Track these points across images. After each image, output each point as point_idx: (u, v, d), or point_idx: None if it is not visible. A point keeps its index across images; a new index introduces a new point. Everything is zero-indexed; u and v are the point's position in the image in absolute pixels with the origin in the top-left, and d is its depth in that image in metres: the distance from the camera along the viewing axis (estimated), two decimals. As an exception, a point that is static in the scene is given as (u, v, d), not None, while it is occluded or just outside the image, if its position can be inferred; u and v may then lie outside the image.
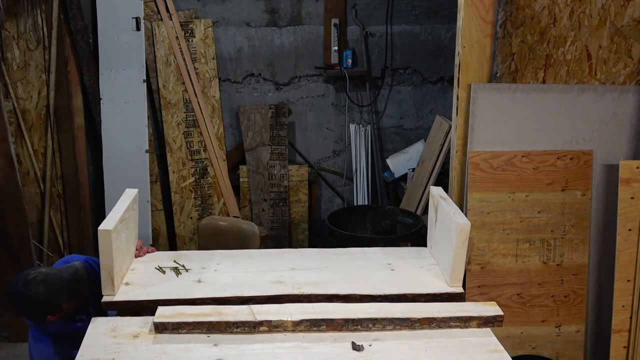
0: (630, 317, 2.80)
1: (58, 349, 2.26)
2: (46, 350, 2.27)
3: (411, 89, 4.82)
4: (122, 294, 2.16)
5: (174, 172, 4.52)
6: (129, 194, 2.39)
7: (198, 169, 4.55)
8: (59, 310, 2.20)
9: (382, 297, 2.19)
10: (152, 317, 2.03)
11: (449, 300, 2.22)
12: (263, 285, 2.24)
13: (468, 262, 2.87)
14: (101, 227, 2.04)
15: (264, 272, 2.35)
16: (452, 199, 2.45)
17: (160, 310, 2.04)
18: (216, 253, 2.54)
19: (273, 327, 2.00)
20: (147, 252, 2.48)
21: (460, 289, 2.25)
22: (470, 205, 2.90)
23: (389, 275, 2.36)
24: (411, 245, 2.90)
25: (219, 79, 4.60)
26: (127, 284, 2.23)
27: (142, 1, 4.25)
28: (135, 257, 2.44)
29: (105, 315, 2.18)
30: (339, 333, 2.02)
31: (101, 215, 4.34)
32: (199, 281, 2.26)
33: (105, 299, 2.13)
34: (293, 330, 2.01)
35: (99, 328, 2.02)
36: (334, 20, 4.55)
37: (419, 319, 2.04)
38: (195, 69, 4.47)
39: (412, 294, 2.21)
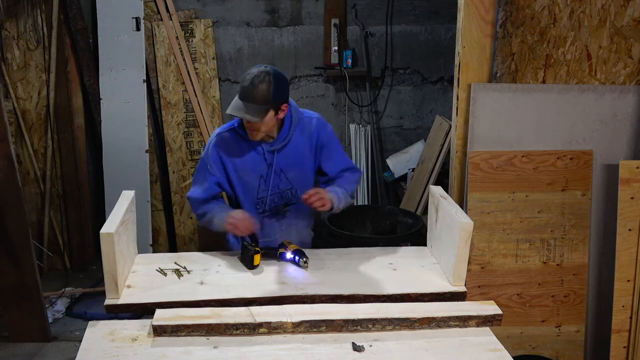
0: (630, 317, 2.80)
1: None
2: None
3: (411, 89, 4.82)
4: (125, 297, 2.14)
5: (174, 172, 4.52)
6: (127, 196, 2.38)
7: (198, 169, 4.54)
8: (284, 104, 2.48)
9: (385, 297, 2.18)
10: (150, 320, 2.01)
11: (452, 299, 2.22)
12: (266, 287, 2.23)
13: (468, 262, 2.87)
14: (103, 230, 2.03)
15: (266, 272, 2.35)
16: (452, 198, 2.44)
17: (159, 312, 2.02)
18: (217, 254, 2.53)
19: (273, 328, 1.99)
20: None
21: (463, 288, 2.25)
22: (470, 205, 2.91)
23: (391, 275, 2.35)
24: (411, 245, 2.89)
25: (219, 79, 4.60)
26: (129, 286, 2.22)
27: (142, 1, 4.25)
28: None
29: None
30: (339, 334, 2.01)
31: (101, 216, 4.36)
32: (202, 283, 2.25)
33: (108, 302, 2.12)
34: (293, 332, 2.00)
35: (96, 332, 2.00)
36: (334, 20, 4.55)
37: (418, 319, 2.04)
38: (195, 69, 4.47)
39: (416, 294, 2.21)
